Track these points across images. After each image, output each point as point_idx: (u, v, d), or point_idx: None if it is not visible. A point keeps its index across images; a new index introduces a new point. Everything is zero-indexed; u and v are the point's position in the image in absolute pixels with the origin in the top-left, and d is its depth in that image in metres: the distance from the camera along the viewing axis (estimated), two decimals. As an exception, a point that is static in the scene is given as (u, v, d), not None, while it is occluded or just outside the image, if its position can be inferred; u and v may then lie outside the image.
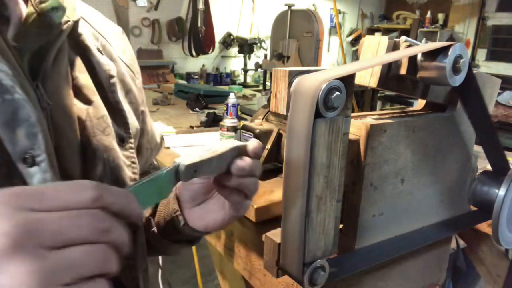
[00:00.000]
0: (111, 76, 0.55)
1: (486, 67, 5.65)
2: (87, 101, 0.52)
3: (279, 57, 3.16)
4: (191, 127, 1.90)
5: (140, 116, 0.66)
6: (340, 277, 0.66)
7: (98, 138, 0.51)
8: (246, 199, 0.56)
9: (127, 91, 0.61)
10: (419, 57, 0.68)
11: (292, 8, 3.14)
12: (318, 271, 0.60)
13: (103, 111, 0.52)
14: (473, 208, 0.89)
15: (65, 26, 0.49)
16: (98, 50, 0.56)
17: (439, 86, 0.76)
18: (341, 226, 0.69)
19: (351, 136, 0.67)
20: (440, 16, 6.11)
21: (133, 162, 0.57)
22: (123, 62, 0.63)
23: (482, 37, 5.77)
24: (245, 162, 0.51)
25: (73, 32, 0.53)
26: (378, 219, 0.72)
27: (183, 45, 5.07)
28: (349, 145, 0.62)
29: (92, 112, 0.51)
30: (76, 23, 0.52)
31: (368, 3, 6.83)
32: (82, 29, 0.55)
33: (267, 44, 5.19)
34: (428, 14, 6.11)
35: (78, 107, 0.51)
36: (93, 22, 0.60)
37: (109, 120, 0.53)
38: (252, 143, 0.53)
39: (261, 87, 4.24)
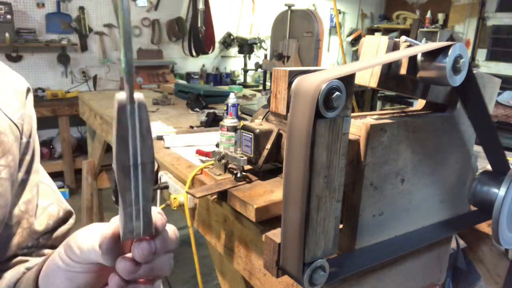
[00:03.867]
0: None
1: (486, 67, 5.65)
2: None
3: (279, 57, 3.15)
4: (191, 127, 1.90)
5: (15, 183, 0.60)
6: (340, 277, 0.65)
7: None
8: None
9: (4, 152, 0.57)
10: (419, 57, 0.68)
11: (292, 8, 3.13)
12: (318, 271, 0.60)
13: None
14: (473, 208, 0.89)
15: None
16: None
17: (439, 86, 0.76)
18: (341, 226, 0.69)
19: (351, 136, 0.67)
20: (440, 16, 6.11)
21: None
22: (10, 119, 0.60)
23: (482, 37, 5.77)
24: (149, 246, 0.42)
25: None
26: (378, 219, 0.72)
27: (183, 45, 5.07)
28: (349, 145, 0.62)
29: None
30: None
31: (368, 3, 6.83)
32: None
33: (267, 44, 5.19)
34: (428, 14, 6.11)
35: None
36: None
37: None
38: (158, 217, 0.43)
39: (261, 87, 4.25)
